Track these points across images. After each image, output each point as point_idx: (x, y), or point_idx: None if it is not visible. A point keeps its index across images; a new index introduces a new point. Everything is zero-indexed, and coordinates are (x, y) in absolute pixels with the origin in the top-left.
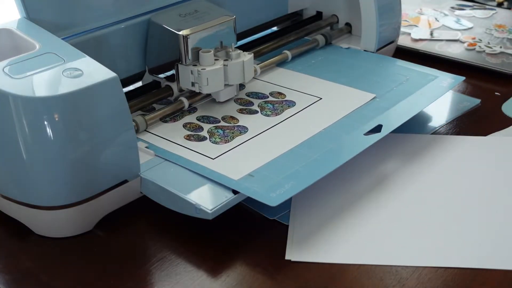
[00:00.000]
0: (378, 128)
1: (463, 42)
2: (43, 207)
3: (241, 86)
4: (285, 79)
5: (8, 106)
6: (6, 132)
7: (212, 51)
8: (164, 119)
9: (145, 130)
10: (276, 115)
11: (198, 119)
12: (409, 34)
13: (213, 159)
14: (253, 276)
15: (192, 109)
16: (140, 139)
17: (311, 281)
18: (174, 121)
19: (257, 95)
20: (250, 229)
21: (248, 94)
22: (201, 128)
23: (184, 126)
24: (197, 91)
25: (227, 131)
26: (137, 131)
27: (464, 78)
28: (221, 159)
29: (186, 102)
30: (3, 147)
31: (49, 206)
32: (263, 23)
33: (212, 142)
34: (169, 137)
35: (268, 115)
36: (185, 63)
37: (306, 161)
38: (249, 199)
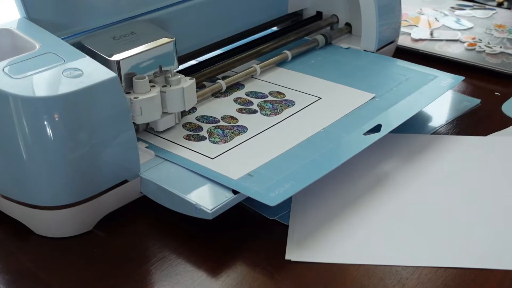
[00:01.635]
0: (377, 128)
1: (463, 42)
2: (43, 207)
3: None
4: (285, 79)
5: (8, 106)
6: (6, 132)
7: (147, 78)
8: None
9: (145, 130)
10: (276, 115)
11: (197, 119)
12: (409, 34)
13: (212, 158)
14: (253, 276)
15: (191, 109)
16: (140, 139)
17: (311, 281)
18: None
19: (256, 95)
20: (250, 229)
21: (247, 94)
22: (201, 128)
23: (184, 126)
24: (131, 121)
25: (227, 131)
26: (137, 131)
27: (463, 78)
28: (220, 159)
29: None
30: (3, 147)
31: (49, 206)
32: (263, 23)
33: (212, 142)
34: (169, 137)
35: (267, 115)
36: None
37: (305, 161)
38: (249, 199)
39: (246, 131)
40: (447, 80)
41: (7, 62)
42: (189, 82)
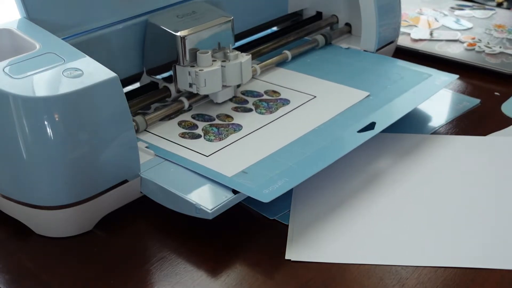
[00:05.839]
0: (371, 126)
1: (463, 42)
2: (43, 207)
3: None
4: (284, 79)
5: (8, 106)
6: (6, 132)
7: (210, 52)
8: (162, 118)
9: (145, 130)
10: (270, 113)
11: (193, 117)
12: (409, 34)
13: (207, 156)
14: (253, 276)
15: (188, 107)
16: (140, 139)
17: (311, 281)
18: (170, 119)
19: (252, 94)
20: (250, 229)
21: (243, 93)
22: (196, 126)
23: (179, 124)
24: (195, 92)
25: (222, 129)
26: (137, 131)
27: (457, 76)
28: (215, 157)
29: (186, 102)
30: (3, 147)
31: (49, 206)
32: (263, 23)
33: (207, 140)
34: (168, 136)
35: (262, 113)
36: (183, 64)
37: (299, 158)
38: (249, 199)
39: (241, 129)
40: (441, 78)
41: (7, 62)
42: (246, 58)
